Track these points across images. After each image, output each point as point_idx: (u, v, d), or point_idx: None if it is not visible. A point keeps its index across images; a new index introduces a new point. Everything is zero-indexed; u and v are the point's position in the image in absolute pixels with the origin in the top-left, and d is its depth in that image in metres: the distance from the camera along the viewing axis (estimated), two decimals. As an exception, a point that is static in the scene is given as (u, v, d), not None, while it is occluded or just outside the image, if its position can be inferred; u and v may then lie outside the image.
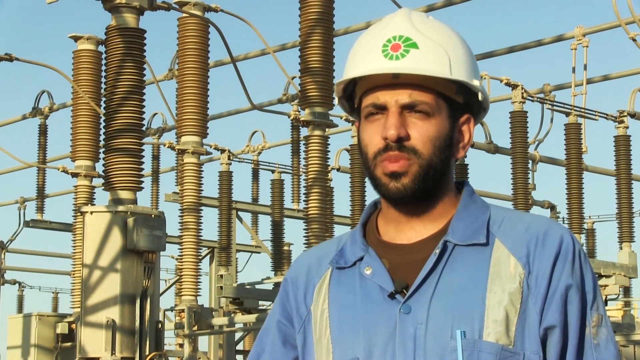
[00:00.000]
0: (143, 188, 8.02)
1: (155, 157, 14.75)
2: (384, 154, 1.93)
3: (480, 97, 1.99)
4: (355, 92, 2.02)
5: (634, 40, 9.98)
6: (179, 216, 10.78)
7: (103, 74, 8.48)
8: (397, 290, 1.91)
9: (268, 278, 14.14)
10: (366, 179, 2.07)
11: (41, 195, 15.25)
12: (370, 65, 1.95)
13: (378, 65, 1.94)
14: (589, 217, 17.22)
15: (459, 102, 1.98)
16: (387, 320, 1.90)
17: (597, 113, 12.33)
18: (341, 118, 13.05)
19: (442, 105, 1.96)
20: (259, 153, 15.05)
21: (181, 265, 10.99)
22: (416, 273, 1.92)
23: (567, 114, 12.14)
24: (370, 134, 1.96)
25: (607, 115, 12.56)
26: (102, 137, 8.58)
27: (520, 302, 1.88)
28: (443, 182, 1.98)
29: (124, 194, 7.78)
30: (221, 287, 13.11)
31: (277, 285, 13.85)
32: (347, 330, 1.94)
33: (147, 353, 7.58)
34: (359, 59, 1.98)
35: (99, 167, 10.66)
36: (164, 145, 13.02)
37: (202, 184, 10.71)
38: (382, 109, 1.95)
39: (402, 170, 1.92)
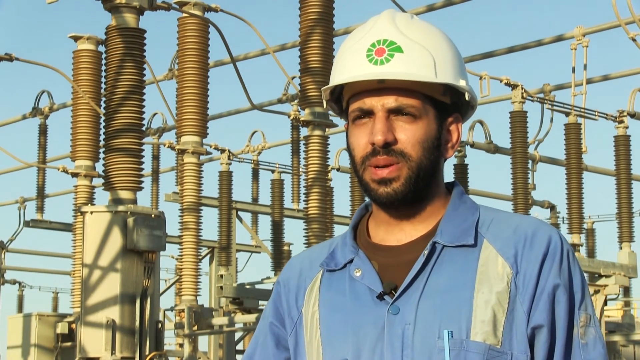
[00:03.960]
0: (143, 188, 8.02)
1: (155, 157, 14.75)
2: (371, 158, 1.94)
3: (467, 97, 2.00)
4: (342, 95, 2.03)
5: (634, 40, 9.98)
6: (179, 216, 10.80)
7: (103, 74, 8.47)
8: (385, 292, 1.92)
9: (268, 278, 14.15)
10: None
11: (41, 195, 15.26)
12: (356, 71, 1.95)
13: (363, 70, 1.95)
14: (589, 217, 17.24)
15: (446, 102, 1.99)
16: (375, 321, 1.91)
17: (597, 113, 12.34)
18: (341, 118, 13.04)
19: (429, 107, 1.96)
20: (259, 153, 15.05)
21: (181, 265, 11.00)
22: (405, 274, 1.93)
23: (567, 114, 12.14)
24: (357, 138, 1.97)
25: (607, 115, 12.57)
26: (102, 137, 8.58)
27: (507, 302, 1.89)
28: (433, 184, 1.99)
29: (124, 194, 7.78)
30: (221, 287, 13.12)
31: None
32: (336, 331, 1.96)
33: (147, 353, 7.58)
34: (344, 63, 1.99)
35: (99, 167, 10.66)
36: (164, 145, 13.01)
37: (202, 184, 10.72)
38: (368, 113, 1.96)
39: (391, 177, 1.94)
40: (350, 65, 1.97)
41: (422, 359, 1.86)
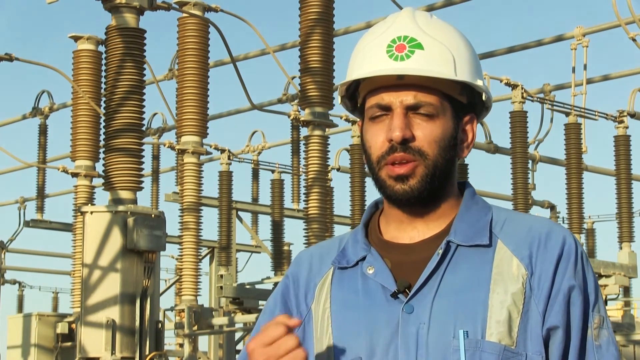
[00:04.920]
0: (143, 188, 8.01)
1: (155, 157, 14.75)
2: (388, 156, 1.93)
3: (484, 97, 2.00)
4: (358, 92, 2.02)
5: (634, 40, 9.98)
6: (179, 216, 10.79)
7: (103, 74, 8.47)
8: (399, 290, 1.91)
9: (268, 278, 14.14)
10: (366, 179, 2.06)
11: (41, 195, 15.25)
12: (375, 66, 1.94)
13: (383, 66, 1.93)
14: (589, 217, 17.25)
15: (462, 102, 1.98)
16: (389, 319, 1.90)
17: (597, 113, 12.34)
18: (341, 118, 13.06)
19: (447, 105, 1.96)
20: (259, 153, 15.05)
21: (181, 265, 10.99)
22: (418, 273, 1.92)
23: (567, 114, 12.15)
24: (374, 134, 1.95)
25: (607, 115, 12.57)
26: (102, 137, 8.58)
27: (522, 302, 1.89)
28: (448, 183, 1.98)
29: (124, 194, 7.78)
30: (221, 287, 13.12)
31: (277, 285, 13.85)
32: (349, 330, 1.94)
33: (147, 353, 7.58)
34: (363, 58, 1.97)
35: (99, 167, 10.66)
36: (164, 145, 13.03)
37: (202, 184, 10.72)
38: (386, 109, 1.94)
39: (408, 173, 1.92)
40: (370, 60, 1.95)
41: (436, 359, 1.86)
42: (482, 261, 1.92)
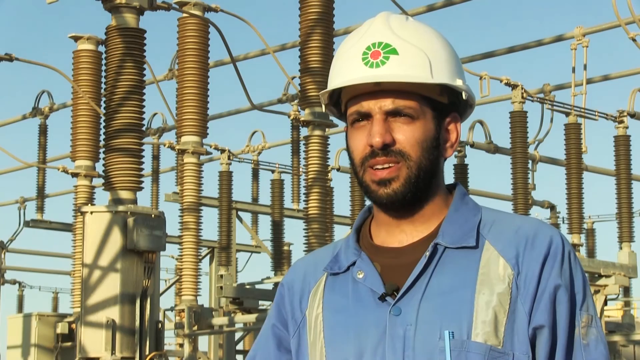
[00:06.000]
0: (143, 188, 8.02)
1: (155, 157, 14.75)
2: (370, 159, 1.95)
3: (464, 96, 2.01)
4: (341, 98, 2.05)
5: (634, 40, 9.98)
6: (179, 216, 10.80)
7: (103, 74, 8.47)
8: (387, 293, 1.93)
9: (268, 278, 14.15)
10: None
11: (41, 195, 15.26)
12: (351, 75, 1.97)
13: (359, 74, 1.96)
14: (589, 217, 17.24)
15: (443, 102, 1.99)
16: (377, 322, 1.92)
17: (597, 113, 12.34)
18: (341, 120, 13.05)
19: (427, 107, 1.97)
20: (259, 153, 15.05)
21: (181, 265, 11.00)
22: (407, 276, 1.94)
23: (567, 114, 12.14)
24: (356, 140, 1.98)
25: (607, 115, 12.57)
26: (102, 137, 8.58)
27: (509, 303, 1.90)
28: (433, 184, 1.99)
29: (124, 194, 7.78)
30: (221, 287, 13.12)
31: (277, 285, 13.87)
32: (339, 333, 1.97)
33: (147, 353, 7.58)
34: (340, 67, 2.00)
35: (99, 167, 10.66)
36: (164, 145, 13.02)
37: (202, 184, 10.73)
38: (366, 116, 1.97)
39: (390, 177, 1.94)
40: (347, 69, 1.98)
41: None
42: (469, 262, 1.93)
